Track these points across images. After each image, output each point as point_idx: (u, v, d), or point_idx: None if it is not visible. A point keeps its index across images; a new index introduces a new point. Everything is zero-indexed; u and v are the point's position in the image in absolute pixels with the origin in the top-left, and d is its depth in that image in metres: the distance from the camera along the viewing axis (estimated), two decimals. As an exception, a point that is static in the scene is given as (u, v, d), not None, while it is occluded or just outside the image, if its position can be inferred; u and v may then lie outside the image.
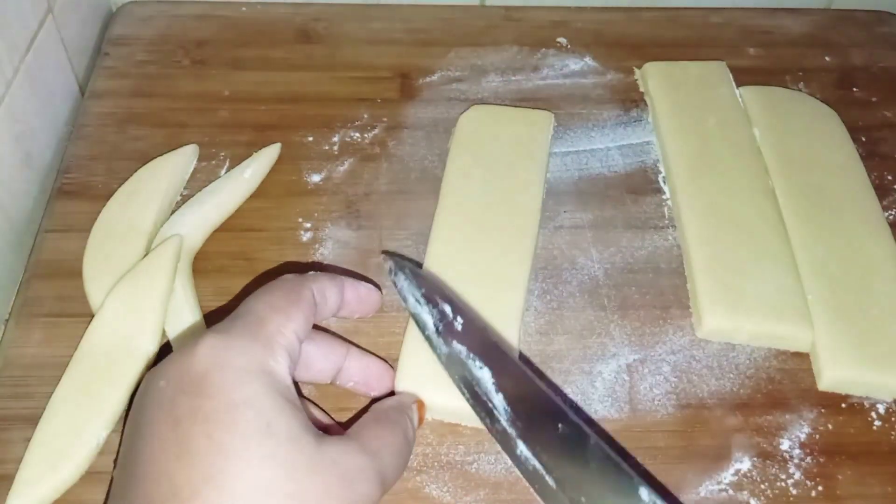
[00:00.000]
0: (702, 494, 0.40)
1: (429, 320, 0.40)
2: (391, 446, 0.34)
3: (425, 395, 0.41)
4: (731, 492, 0.40)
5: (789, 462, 0.41)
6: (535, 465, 0.35)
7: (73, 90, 0.58)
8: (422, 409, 0.40)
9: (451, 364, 0.39)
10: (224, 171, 0.52)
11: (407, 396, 0.40)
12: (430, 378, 0.41)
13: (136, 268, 0.44)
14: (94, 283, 0.45)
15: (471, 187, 0.50)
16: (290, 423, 0.31)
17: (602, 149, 0.55)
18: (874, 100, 0.59)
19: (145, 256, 0.45)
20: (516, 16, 0.64)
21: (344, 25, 0.62)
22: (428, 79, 0.59)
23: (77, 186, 0.51)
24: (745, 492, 0.40)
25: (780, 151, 0.53)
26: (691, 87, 0.56)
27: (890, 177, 0.54)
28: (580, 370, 0.44)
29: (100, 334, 0.42)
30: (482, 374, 0.38)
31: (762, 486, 0.40)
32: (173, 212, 0.49)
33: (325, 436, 0.32)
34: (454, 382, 0.39)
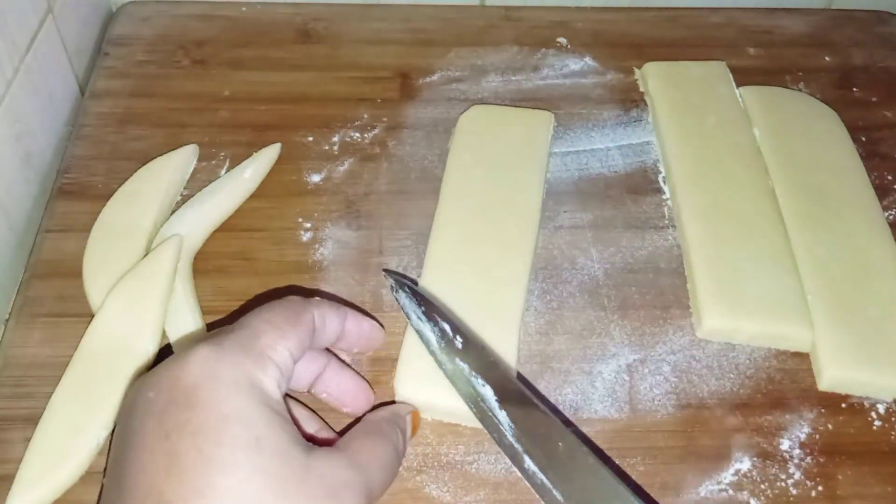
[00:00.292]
0: (702, 494, 0.40)
1: (431, 337, 0.40)
2: (379, 460, 0.34)
3: (425, 396, 0.41)
4: (731, 492, 0.40)
5: (789, 462, 0.41)
6: (542, 479, 0.36)
7: (73, 90, 0.58)
8: (416, 419, 0.40)
9: (456, 380, 0.39)
10: (224, 171, 0.52)
11: (401, 407, 0.40)
12: (430, 378, 0.41)
13: (136, 268, 0.44)
14: (94, 283, 0.45)
15: (471, 187, 0.50)
16: (280, 436, 0.31)
17: (602, 149, 0.55)
18: (874, 100, 0.59)
19: (145, 256, 0.45)
20: (516, 16, 0.64)
21: (344, 25, 0.62)
22: (428, 79, 0.59)
23: (77, 186, 0.51)
24: (745, 492, 0.40)
25: (780, 151, 0.53)
26: (691, 87, 0.56)
27: (890, 177, 0.54)
28: (580, 370, 0.44)
29: (100, 334, 0.42)
30: (485, 391, 0.38)
31: (762, 486, 0.40)
32: (173, 212, 0.49)
33: (314, 448, 0.32)
34: (462, 398, 0.39)
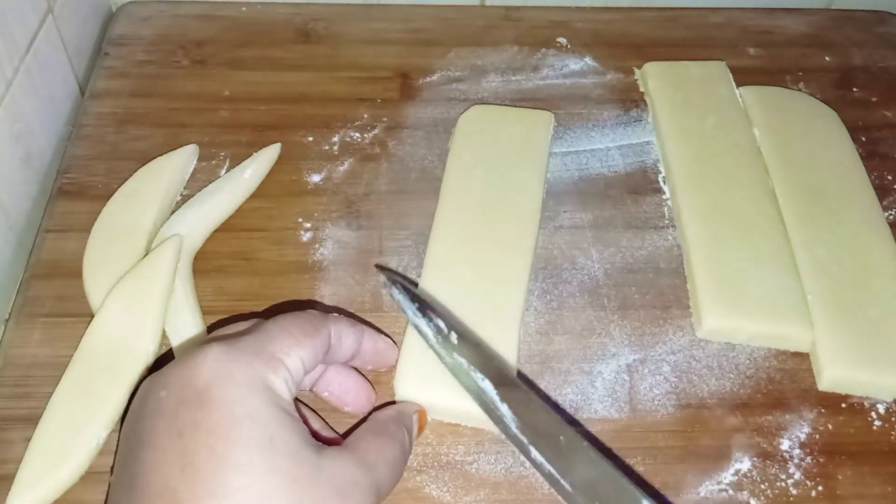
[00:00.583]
0: (702, 494, 0.40)
1: (429, 332, 0.40)
2: (387, 459, 0.35)
3: (425, 396, 0.41)
4: (731, 492, 0.40)
5: (789, 462, 0.41)
6: (550, 469, 0.36)
7: (73, 90, 0.58)
8: (423, 418, 0.40)
9: (457, 373, 0.39)
10: (224, 171, 0.52)
11: (408, 406, 0.40)
12: (430, 378, 0.41)
13: (136, 268, 0.44)
14: (94, 283, 0.45)
15: (471, 187, 0.50)
16: (291, 437, 0.31)
17: (602, 149, 0.55)
18: (874, 100, 0.59)
19: (145, 256, 0.45)
20: (516, 16, 0.64)
21: (344, 25, 0.62)
22: (428, 79, 0.59)
23: (77, 186, 0.51)
24: (745, 492, 0.40)
25: (780, 151, 0.53)
26: (691, 87, 0.56)
27: (890, 177, 0.54)
28: (580, 370, 0.44)
29: (100, 334, 0.42)
30: (485, 385, 0.38)
31: (762, 486, 0.40)
32: (173, 212, 0.49)
33: (323, 448, 0.32)
34: (466, 391, 0.39)
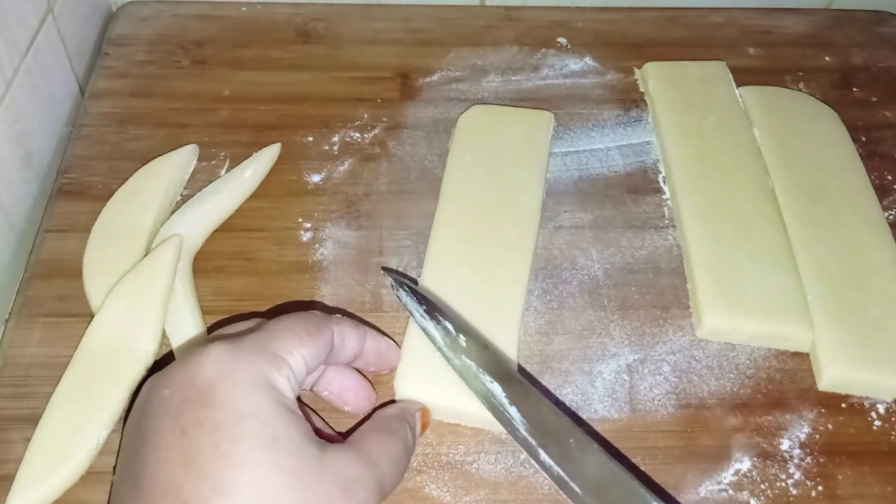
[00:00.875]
0: (702, 494, 0.40)
1: (437, 335, 0.40)
2: (390, 456, 0.35)
3: (425, 395, 0.41)
4: (731, 492, 0.40)
5: (789, 462, 0.41)
6: (559, 472, 0.36)
7: (73, 90, 0.58)
8: (426, 416, 0.40)
9: (466, 376, 0.39)
10: (224, 171, 0.52)
11: (411, 404, 0.40)
12: (430, 378, 0.41)
13: (136, 268, 0.44)
14: (94, 283, 0.45)
15: (471, 187, 0.50)
16: (295, 434, 0.31)
17: (602, 149, 0.55)
18: (874, 100, 0.59)
19: (145, 256, 0.45)
20: (516, 16, 0.64)
21: (344, 25, 0.62)
22: (428, 79, 0.58)
23: (77, 186, 0.51)
24: (745, 492, 0.40)
25: (780, 151, 0.53)
26: (691, 87, 0.56)
27: (890, 177, 0.54)
28: (580, 370, 0.44)
29: (100, 334, 0.42)
30: (494, 387, 0.38)
31: (762, 486, 0.40)
32: (173, 212, 0.49)
33: (327, 445, 0.32)
34: (474, 394, 0.39)
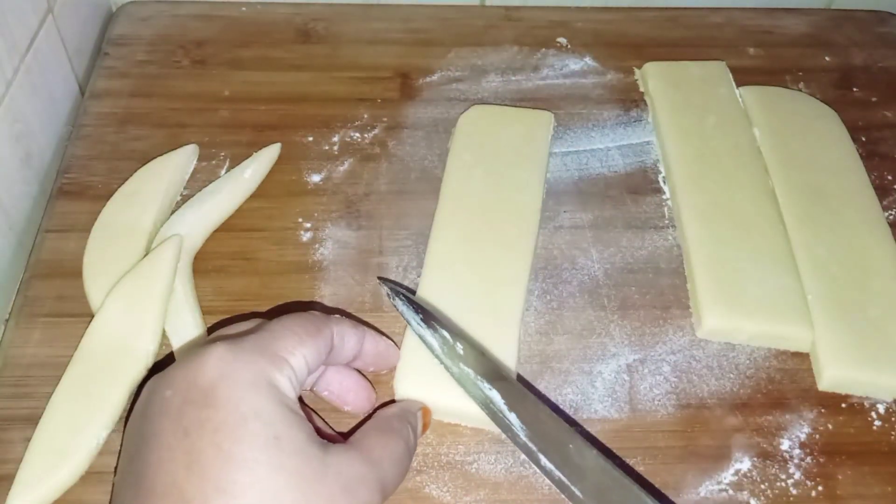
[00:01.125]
0: (702, 494, 0.40)
1: (434, 343, 0.41)
2: (392, 456, 0.35)
3: (424, 396, 0.41)
4: (731, 492, 0.40)
5: (789, 462, 0.41)
6: (559, 476, 0.36)
7: (73, 90, 0.58)
8: (427, 415, 0.40)
9: (464, 384, 0.39)
10: (224, 171, 0.52)
11: (412, 403, 0.40)
12: (430, 378, 0.41)
13: (136, 268, 0.44)
14: (94, 283, 0.45)
15: (471, 187, 0.50)
16: (297, 434, 0.31)
17: (602, 149, 0.55)
18: (874, 100, 0.59)
19: (145, 256, 0.45)
20: (516, 16, 0.64)
21: (344, 25, 0.62)
22: (428, 79, 0.58)
23: (77, 186, 0.51)
24: (745, 492, 0.40)
25: (780, 151, 0.53)
26: (691, 87, 0.56)
27: (890, 177, 0.54)
28: (580, 370, 0.44)
29: (100, 334, 0.42)
30: (492, 394, 0.38)
31: (762, 486, 0.40)
32: (173, 212, 0.49)
33: (329, 445, 0.32)
34: (473, 400, 0.39)
